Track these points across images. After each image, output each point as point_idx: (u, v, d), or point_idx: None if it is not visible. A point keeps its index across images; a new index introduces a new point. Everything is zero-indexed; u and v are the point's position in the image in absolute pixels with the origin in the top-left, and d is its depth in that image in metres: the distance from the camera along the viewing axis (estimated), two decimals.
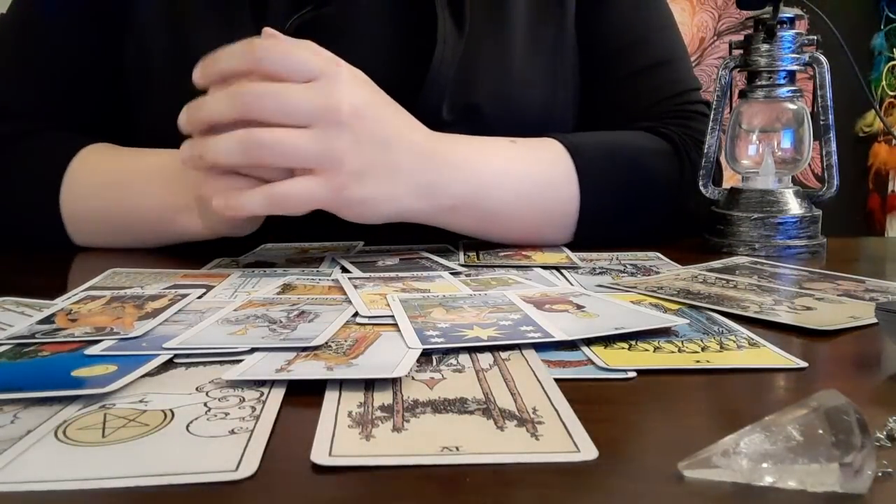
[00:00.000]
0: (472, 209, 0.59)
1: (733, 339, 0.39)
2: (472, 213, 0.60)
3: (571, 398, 0.31)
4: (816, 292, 0.49)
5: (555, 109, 0.74)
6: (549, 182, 0.63)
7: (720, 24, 2.14)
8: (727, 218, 0.65)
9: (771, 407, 0.26)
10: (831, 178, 0.66)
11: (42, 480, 0.25)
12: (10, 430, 0.28)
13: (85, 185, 0.64)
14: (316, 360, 0.35)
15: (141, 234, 0.63)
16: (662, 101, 0.74)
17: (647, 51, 0.76)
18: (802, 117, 0.66)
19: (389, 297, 0.45)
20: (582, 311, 0.43)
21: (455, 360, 0.36)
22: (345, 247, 0.66)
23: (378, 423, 0.28)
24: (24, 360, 0.36)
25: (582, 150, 0.64)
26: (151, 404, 0.31)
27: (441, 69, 0.67)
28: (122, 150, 0.67)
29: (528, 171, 0.62)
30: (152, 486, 0.24)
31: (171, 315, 0.43)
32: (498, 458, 0.26)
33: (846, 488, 0.23)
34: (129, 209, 0.62)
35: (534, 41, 0.73)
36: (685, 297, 0.47)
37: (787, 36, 0.64)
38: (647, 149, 0.68)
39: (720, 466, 0.24)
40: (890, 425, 0.28)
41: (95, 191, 0.63)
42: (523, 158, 0.63)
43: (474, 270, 0.55)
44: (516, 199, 0.61)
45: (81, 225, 0.64)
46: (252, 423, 0.28)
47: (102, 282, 0.52)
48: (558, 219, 0.64)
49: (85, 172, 0.64)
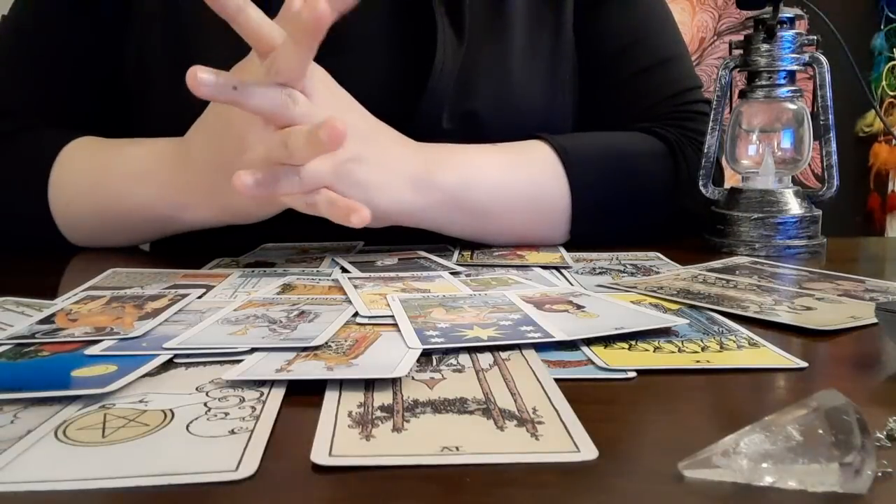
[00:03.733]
0: (461, 204, 0.60)
1: (733, 339, 0.39)
2: (462, 209, 0.60)
3: (571, 398, 0.31)
4: (816, 292, 0.49)
5: (554, 115, 0.75)
6: (535, 177, 0.63)
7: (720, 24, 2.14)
8: (727, 218, 0.65)
9: (771, 407, 0.26)
10: (831, 178, 0.66)
11: (42, 480, 0.25)
12: (10, 430, 0.28)
13: (72, 182, 0.63)
14: (316, 360, 0.35)
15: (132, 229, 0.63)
16: (662, 102, 0.74)
17: (646, 51, 0.76)
18: (802, 117, 0.66)
19: (389, 297, 0.45)
20: (582, 311, 0.43)
21: (455, 360, 0.36)
22: (345, 247, 0.66)
23: (378, 423, 0.28)
24: (24, 360, 0.36)
25: (569, 147, 0.64)
26: (151, 404, 0.31)
27: (441, 77, 0.67)
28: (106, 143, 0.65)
29: (513, 169, 0.63)
30: (152, 486, 0.24)
31: (171, 315, 0.43)
32: (498, 458, 0.26)
33: (846, 488, 0.23)
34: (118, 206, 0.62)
35: (532, 47, 0.73)
36: (685, 297, 0.47)
37: (787, 36, 0.64)
38: (638, 148, 0.68)
39: (720, 466, 0.24)
40: (890, 425, 0.28)
41: (83, 188, 0.63)
42: (507, 157, 0.63)
43: (474, 270, 0.55)
44: (504, 193, 0.61)
45: (72, 223, 0.64)
46: (252, 423, 0.28)
47: (102, 282, 0.52)
48: (549, 215, 0.64)
49: (71, 169, 0.63)
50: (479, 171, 0.61)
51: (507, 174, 0.62)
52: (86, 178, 0.63)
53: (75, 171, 0.63)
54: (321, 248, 0.66)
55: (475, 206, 0.61)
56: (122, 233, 0.64)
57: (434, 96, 0.67)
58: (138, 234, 0.65)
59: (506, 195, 0.62)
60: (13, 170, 0.65)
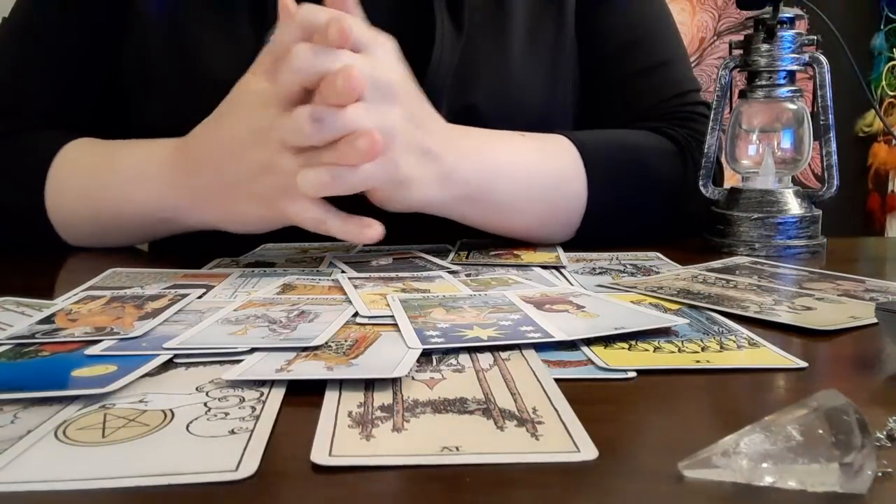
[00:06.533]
0: (482, 199, 0.59)
1: (733, 339, 0.39)
2: (482, 204, 0.60)
3: (571, 398, 0.31)
4: (816, 292, 0.49)
5: (554, 110, 0.74)
6: (558, 176, 0.63)
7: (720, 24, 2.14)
8: (727, 218, 0.65)
9: (771, 407, 0.26)
10: (831, 178, 0.66)
11: (42, 480, 0.25)
12: (10, 430, 0.28)
13: (69, 183, 0.63)
14: (316, 360, 0.35)
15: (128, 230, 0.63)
16: (663, 102, 0.74)
17: (647, 51, 0.76)
18: (802, 117, 0.66)
19: (389, 297, 0.45)
20: (582, 311, 0.43)
21: (455, 360, 0.36)
22: (345, 247, 0.66)
23: (378, 423, 0.28)
24: (24, 360, 0.36)
25: (590, 147, 0.64)
26: (151, 404, 0.31)
27: (439, 70, 0.67)
28: (103, 144, 0.65)
29: (538, 164, 0.62)
30: (152, 486, 0.24)
31: (171, 315, 0.43)
32: (498, 458, 0.26)
33: (846, 488, 0.23)
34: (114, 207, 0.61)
35: (533, 42, 0.73)
36: (685, 297, 0.47)
37: (787, 36, 0.64)
38: (653, 149, 0.68)
39: (720, 466, 0.24)
40: (890, 425, 0.28)
41: (80, 190, 0.62)
42: (533, 150, 0.63)
43: (474, 270, 0.55)
44: (526, 191, 0.61)
45: (69, 223, 0.64)
46: (252, 423, 0.28)
47: (102, 282, 0.52)
48: (563, 214, 0.64)
49: (68, 170, 0.63)
50: (506, 168, 0.60)
51: (532, 172, 0.62)
52: (83, 179, 0.63)
53: (73, 172, 0.63)
54: (321, 248, 0.66)
55: (496, 200, 0.60)
56: (118, 234, 0.64)
57: (432, 90, 0.66)
58: (135, 236, 0.65)
59: (527, 192, 0.61)
60: (11, 170, 0.65)
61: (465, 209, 0.60)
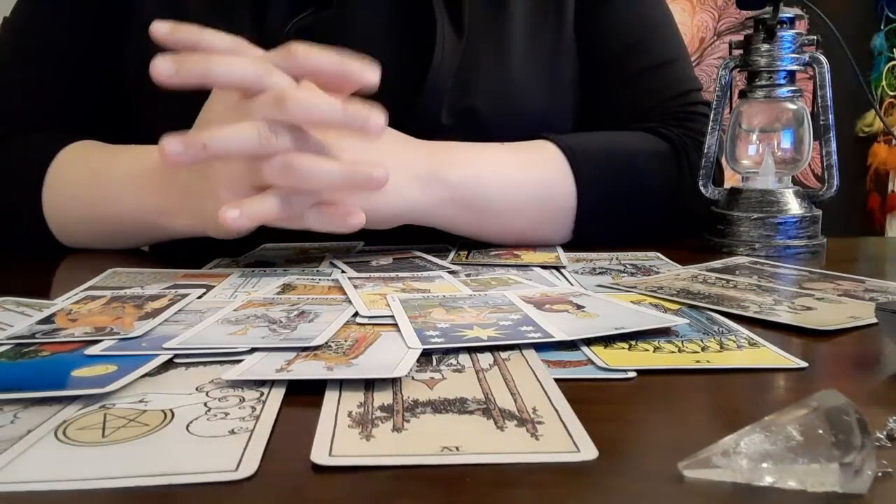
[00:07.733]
0: (469, 202, 0.60)
1: (733, 339, 0.39)
2: (470, 207, 0.60)
3: (571, 398, 0.31)
4: (816, 292, 0.49)
5: (554, 112, 0.74)
6: (543, 177, 0.63)
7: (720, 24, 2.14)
8: (727, 218, 0.65)
9: (771, 407, 0.26)
10: (831, 178, 0.66)
11: (42, 480, 0.25)
12: (10, 430, 0.28)
13: (65, 186, 0.63)
14: (316, 360, 0.35)
15: (123, 235, 0.63)
16: (663, 103, 0.74)
17: (647, 52, 0.76)
18: (802, 117, 0.66)
19: (389, 297, 0.45)
20: (582, 311, 0.43)
21: (455, 360, 0.36)
22: (344, 247, 0.66)
23: (378, 423, 0.28)
24: (24, 360, 0.36)
25: (575, 147, 0.64)
26: (151, 404, 0.31)
27: (440, 73, 0.67)
28: (102, 148, 0.65)
29: (522, 167, 0.63)
30: (152, 486, 0.24)
31: (171, 315, 0.43)
32: (498, 458, 0.26)
33: (846, 488, 0.23)
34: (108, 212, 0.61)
35: (532, 44, 0.73)
36: (685, 297, 0.47)
37: (787, 36, 0.64)
38: (642, 148, 0.68)
39: (720, 466, 0.24)
40: (890, 425, 0.28)
41: (76, 193, 0.62)
42: (516, 154, 0.63)
43: (474, 270, 0.55)
44: (512, 194, 0.61)
45: (65, 227, 0.64)
46: (252, 423, 0.28)
47: (102, 282, 0.52)
48: (555, 215, 0.64)
49: (65, 173, 0.63)
50: (487, 170, 0.61)
51: (515, 173, 0.62)
52: (79, 183, 0.63)
53: (70, 175, 0.63)
54: (321, 248, 0.66)
55: (482, 204, 0.60)
56: (113, 237, 0.64)
57: (433, 93, 0.67)
58: (129, 239, 0.65)
59: (513, 194, 0.62)
60: (10, 172, 0.65)
61: (452, 214, 0.60)
